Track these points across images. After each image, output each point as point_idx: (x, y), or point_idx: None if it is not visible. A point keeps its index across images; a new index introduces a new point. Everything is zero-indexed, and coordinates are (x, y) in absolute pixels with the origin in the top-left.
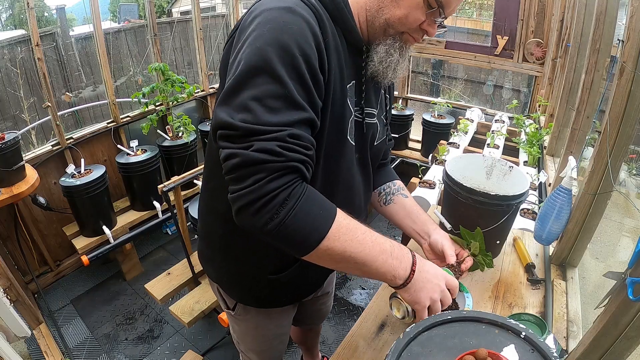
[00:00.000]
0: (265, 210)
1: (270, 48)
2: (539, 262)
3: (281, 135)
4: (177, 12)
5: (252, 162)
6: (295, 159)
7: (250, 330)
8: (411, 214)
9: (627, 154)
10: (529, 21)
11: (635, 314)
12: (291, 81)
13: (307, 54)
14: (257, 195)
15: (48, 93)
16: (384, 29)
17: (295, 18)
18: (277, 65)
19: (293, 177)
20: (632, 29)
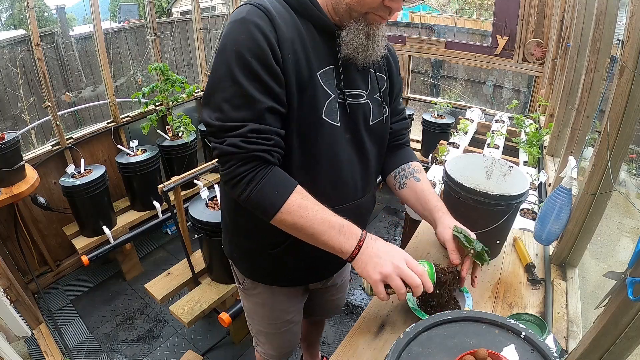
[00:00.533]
0: (238, 186)
1: (229, 57)
2: (539, 262)
3: (243, 132)
4: (177, 12)
5: (225, 153)
6: (256, 150)
7: (257, 308)
8: (420, 199)
9: (627, 154)
10: (529, 21)
11: (635, 314)
12: (249, 81)
13: (258, 54)
14: (231, 176)
15: (48, 93)
16: (349, 13)
17: (245, 27)
18: (236, 70)
19: (255, 164)
20: (632, 29)
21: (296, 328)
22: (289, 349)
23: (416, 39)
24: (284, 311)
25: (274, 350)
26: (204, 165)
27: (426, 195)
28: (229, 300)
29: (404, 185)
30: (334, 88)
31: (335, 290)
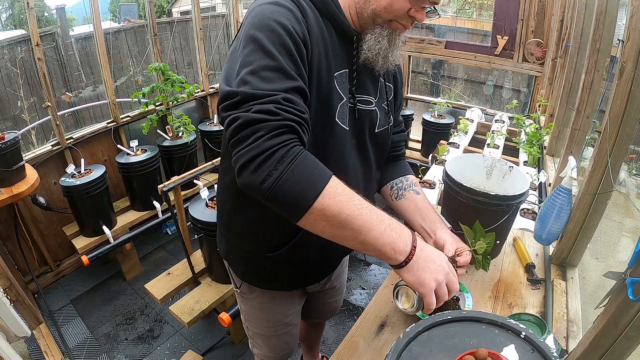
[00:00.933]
0: (264, 166)
1: (260, 32)
2: (539, 262)
3: (276, 98)
4: (177, 12)
5: (252, 121)
6: (291, 119)
7: (255, 311)
8: (421, 211)
9: (627, 154)
10: (529, 21)
11: (635, 314)
12: (281, 55)
13: (291, 32)
14: (257, 151)
15: (48, 93)
16: (373, 19)
17: (279, 8)
18: (267, 43)
19: (291, 137)
20: (632, 29)
21: (294, 330)
22: (287, 350)
23: (416, 39)
24: (282, 314)
25: (271, 352)
26: (204, 165)
27: (427, 208)
28: (229, 300)
29: (402, 196)
30: (346, 91)
31: (333, 293)
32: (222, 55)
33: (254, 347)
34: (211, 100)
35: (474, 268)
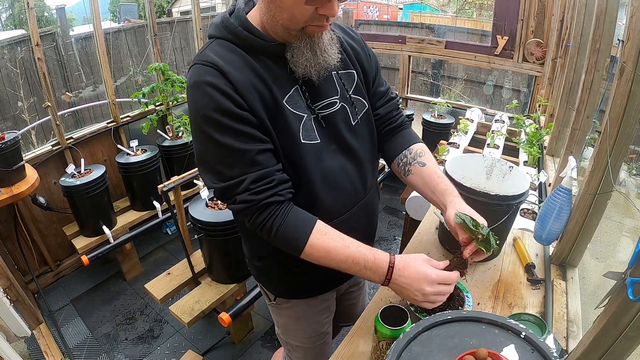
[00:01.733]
0: (263, 232)
1: (200, 124)
2: (539, 262)
3: (246, 186)
4: (177, 12)
5: (240, 210)
6: (264, 199)
7: (292, 322)
8: (428, 184)
9: (627, 154)
10: (529, 21)
11: (635, 314)
12: (227, 138)
13: (223, 110)
14: (254, 226)
15: (48, 93)
16: (287, 32)
17: (201, 90)
18: (212, 133)
19: (270, 210)
20: (632, 29)
21: (329, 339)
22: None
23: (416, 39)
24: (319, 323)
25: None
26: None
27: (434, 180)
28: (229, 300)
29: (409, 172)
30: (304, 108)
31: (358, 292)
32: None
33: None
34: None
35: (473, 268)
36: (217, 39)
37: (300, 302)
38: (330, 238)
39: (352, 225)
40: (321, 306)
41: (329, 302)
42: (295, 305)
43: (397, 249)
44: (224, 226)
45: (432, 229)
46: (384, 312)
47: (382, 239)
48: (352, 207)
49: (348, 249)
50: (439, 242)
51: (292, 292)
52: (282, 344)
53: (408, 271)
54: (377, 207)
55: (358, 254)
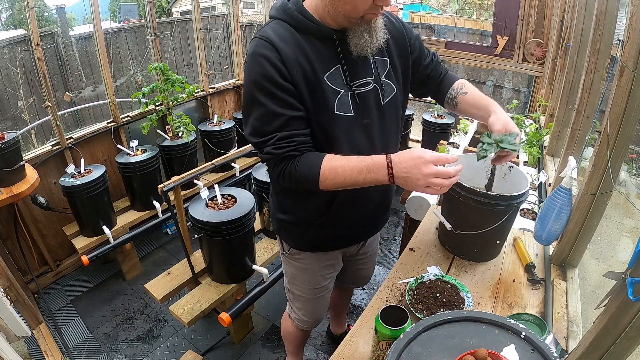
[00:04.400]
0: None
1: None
2: (539, 262)
3: (273, 142)
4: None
5: (265, 160)
6: (283, 153)
7: (300, 273)
8: (473, 106)
9: (627, 154)
10: (529, 21)
11: (635, 314)
12: (269, 101)
13: (270, 78)
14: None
15: (48, 93)
16: (347, 20)
17: (256, 60)
18: (257, 95)
19: (286, 162)
20: (632, 29)
21: (328, 295)
22: (320, 315)
23: None
24: (322, 277)
25: (308, 316)
26: (204, 165)
27: (477, 100)
28: (229, 300)
29: (457, 103)
30: (342, 85)
31: (366, 260)
32: (222, 55)
33: (291, 312)
34: (211, 100)
35: (473, 268)
36: (276, 19)
37: (310, 255)
38: (335, 160)
39: (370, 194)
40: (327, 262)
41: (334, 260)
42: (306, 257)
43: (397, 249)
44: (224, 226)
45: (432, 229)
46: (384, 312)
47: (382, 239)
48: None
49: (350, 162)
50: (439, 242)
51: (306, 245)
52: (286, 293)
53: (404, 160)
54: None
55: (359, 163)
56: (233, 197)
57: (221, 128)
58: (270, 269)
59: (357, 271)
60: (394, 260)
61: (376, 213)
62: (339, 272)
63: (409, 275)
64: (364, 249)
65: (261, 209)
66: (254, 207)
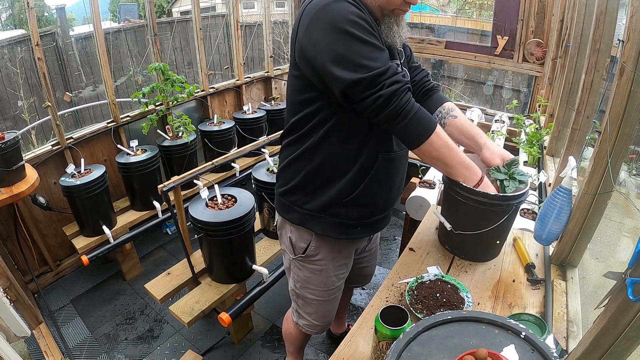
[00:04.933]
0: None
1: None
2: (539, 262)
3: (392, 71)
4: (177, 12)
5: (392, 93)
6: (408, 82)
7: (314, 275)
8: (462, 132)
9: (627, 154)
10: (529, 21)
11: (635, 314)
12: (371, 38)
13: (363, 17)
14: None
15: (48, 93)
16: (380, 11)
17: (346, 4)
18: (357, 33)
19: (410, 94)
20: (632, 29)
21: (339, 295)
22: (332, 317)
23: (416, 39)
24: (337, 277)
25: (319, 320)
26: (204, 165)
27: (466, 128)
28: (229, 300)
29: (445, 124)
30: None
31: (369, 257)
32: (222, 55)
33: (299, 319)
34: (211, 100)
35: (473, 268)
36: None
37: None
38: (448, 137)
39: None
40: (341, 262)
41: (348, 259)
42: (322, 258)
43: (397, 249)
44: (224, 226)
45: (432, 229)
46: (384, 312)
47: (382, 239)
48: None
49: (457, 148)
50: (439, 242)
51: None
52: (293, 300)
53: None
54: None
55: (463, 155)
56: (233, 197)
57: (221, 128)
58: (270, 269)
59: (361, 269)
60: (394, 260)
61: (395, 195)
62: None
63: (409, 275)
64: (369, 245)
65: (261, 209)
66: (254, 207)
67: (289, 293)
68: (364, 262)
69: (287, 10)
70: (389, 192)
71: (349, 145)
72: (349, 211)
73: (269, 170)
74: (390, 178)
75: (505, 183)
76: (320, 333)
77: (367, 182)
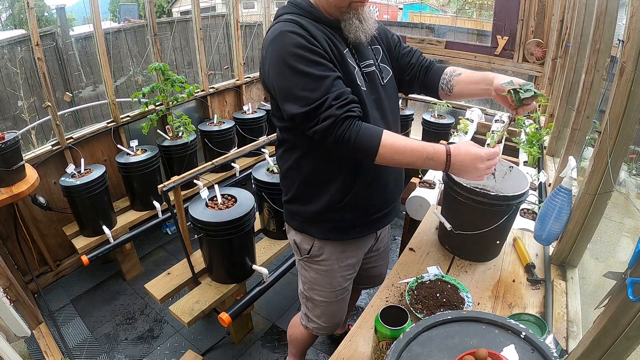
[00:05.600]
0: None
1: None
2: (539, 262)
3: (327, 103)
4: (177, 12)
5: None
6: (343, 113)
7: (320, 276)
8: (470, 81)
9: (627, 154)
10: (529, 21)
11: (635, 314)
12: (310, 68)
13: (304, 46)
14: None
15: (48, 93)
16: (337, 9)
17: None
18: (296, 65)
19: (347, 123)
20: (632, 29)
21: (348, 297)
22: (341, 318)
23: (416, 39)
24: (343, 278)
25: (328, 322)
26: (204, 165)
27: (472, 76)
28: (229, 300)
29: (452, 86)
30: (355, 63)
31: (378, 257)
32: (221, 55)
33: (309, 322)
34: (211, 100)
35: (473, 268)
36: (286, 14)
37: (336, 247)
38: (397, 138)
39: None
40: (347, 262)
41: (354, 259)
42: (326, 258)
43: (397, 249)
44: (224, 226)
45: (432, 229)
46: (384, 312)
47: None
48: None
49: (413, 144)
50: (439, 242)
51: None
52: (302, 303)
53: (462, 155)
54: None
55: (421, 147)
56: (233, 197)
57: (221, 128)
58: (270, 269)
59: (368, 270)
60: (394, 260)
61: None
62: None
63: (409, 275)
64: (377, 244)
65: (261, 209)
66: (254, 207)
67: (289, 293)
68: (371, 262)
69: None
70: (384, 191)
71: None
72: (343, 215)
73: (269, 170)
74: (382, 178)
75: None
76: (330, 334)
77: (358, 186)
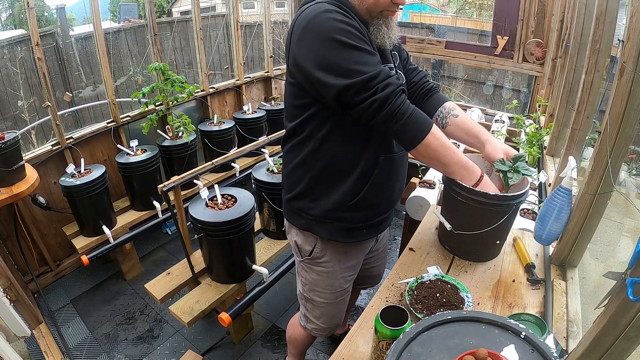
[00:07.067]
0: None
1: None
2: (539, 262)
3: (385, 74)
4: (177, 12)
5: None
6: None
7: (322, 277)
8: (464, 130)
9: (627, 154)
10: (529, 21)
11: (635, 314)
12: (364, 45)
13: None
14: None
15: (48, 93)
16: (369, 13)
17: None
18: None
19: (405, 96)
20: (632, 29)
21: (347, 297)
22: (340, 319)
23: (416, 39)
24: (344, 279)
25: (328, 323)
26: (204, 165)
27: (468, 125)
28: (229, 300)
29: (447, 124)
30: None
31: (377, 257)
32: (222, 55)
33: (308, 323)
34: (211, 100)
35: (473, 268)
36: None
37: (339, 250)
38: (444, 137)
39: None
40: (348, 264)
41: (355, 261)
42: (328, 260)
43: (397, 249)
44: (224, 226)
45: (432, 229)
46: (384, 312)
47: None
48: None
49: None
50: (439, 242)
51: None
52: (301, 304)
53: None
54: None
55: (461, 155)
56: (233, 197)
57: (221, 128)
58: (270, 269)
59: (368, 270)
60: (394, 260)
61: (397, 196)
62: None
63: (409, 275)
64: (377, 245)
65: (261, 209)
66: (254, 207)
67: (289, 293)
68: (371, 262)
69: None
70: (391, 193)
71: (349, 149)
72: (353, 215)
73: (269, 170)
74: (392, 179)
75: (508, 175)
76: (329, 335)
77: (370, 185)
